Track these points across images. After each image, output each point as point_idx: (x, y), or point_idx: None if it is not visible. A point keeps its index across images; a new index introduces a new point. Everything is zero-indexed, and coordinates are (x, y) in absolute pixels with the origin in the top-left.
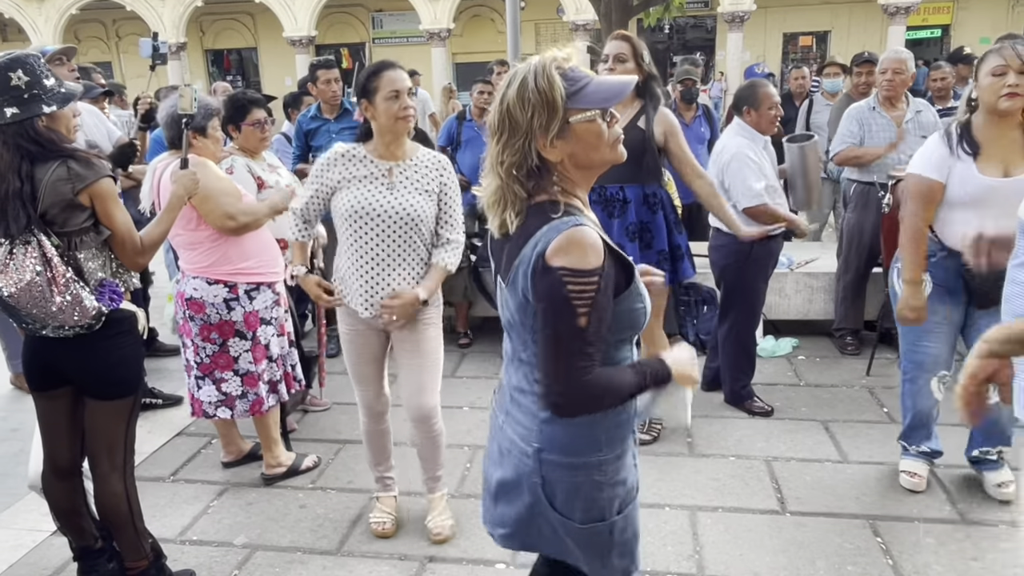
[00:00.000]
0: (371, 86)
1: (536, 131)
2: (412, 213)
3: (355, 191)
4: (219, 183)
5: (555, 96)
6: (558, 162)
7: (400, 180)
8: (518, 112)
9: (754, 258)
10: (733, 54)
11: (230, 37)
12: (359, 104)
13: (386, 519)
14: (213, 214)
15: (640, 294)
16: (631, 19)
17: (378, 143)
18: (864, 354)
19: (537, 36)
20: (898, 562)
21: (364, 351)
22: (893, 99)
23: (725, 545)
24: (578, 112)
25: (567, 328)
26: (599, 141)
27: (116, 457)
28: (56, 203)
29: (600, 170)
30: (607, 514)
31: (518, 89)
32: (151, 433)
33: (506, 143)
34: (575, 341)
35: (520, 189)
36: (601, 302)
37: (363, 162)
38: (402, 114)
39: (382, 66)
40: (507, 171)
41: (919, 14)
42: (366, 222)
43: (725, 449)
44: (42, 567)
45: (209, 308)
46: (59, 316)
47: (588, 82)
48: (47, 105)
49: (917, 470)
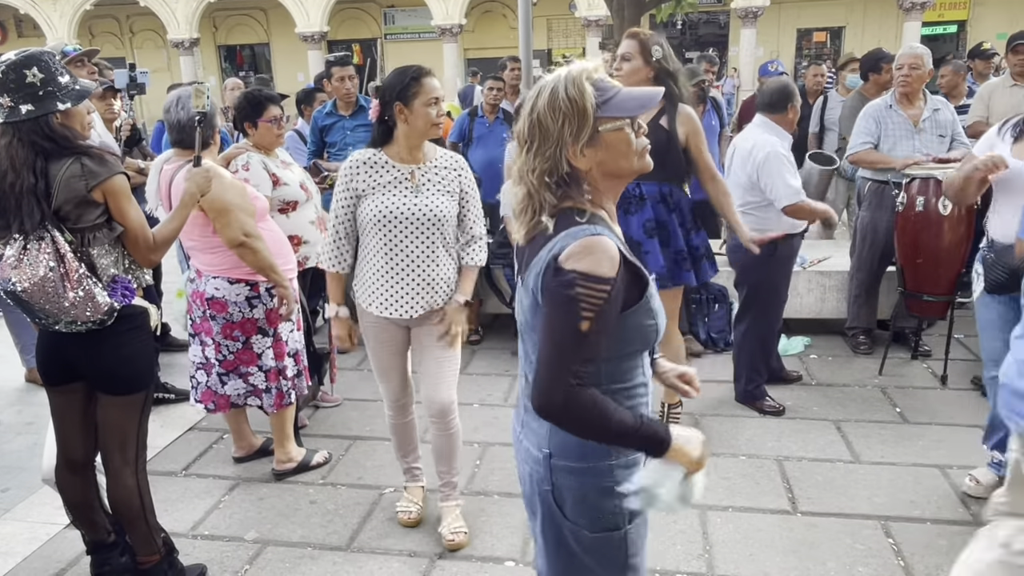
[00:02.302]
0: (411, 91)
1: (567, 139)
2: (437, 214)
3: (381, 197)
4: (237, 198)
5: (586, 105)
6: (587, 171)
7: (423, 182)
8: (549, 120)
9: (778, 257)
10: (746, 50)
11: (243, 33)
12: (390, 107)
13: (412, 508)
14: (229, 228)
15: (651, 310)
16: (644, 15)
17: (402, 147)
18: (877, 353)
19: (549, 32)
20: (910, 563)
21: (388, 344)
22: (910, 96)
23: (735, 545)
24: (608, 121)
25: (568, 329)
26: (628, 149)
27: (128, 452)
28: (70, 199)
29: (628, 179)
30: (621, 522)
31: (549, 98)
32: (163, 428)
33: (537, 151)
34: (572, 345)
35: (551, 196)
36: (606, 312)
37: (385, 167)
38: (437, 121)
39: (422, 72)
40: (538, 178)
41: (935, 10)
42: (394, 226)
43: (736, 448)
44: (56, 560)
45: (232, 307)
46: (72, 311)
47: (617, 91)
48: (62, 102)
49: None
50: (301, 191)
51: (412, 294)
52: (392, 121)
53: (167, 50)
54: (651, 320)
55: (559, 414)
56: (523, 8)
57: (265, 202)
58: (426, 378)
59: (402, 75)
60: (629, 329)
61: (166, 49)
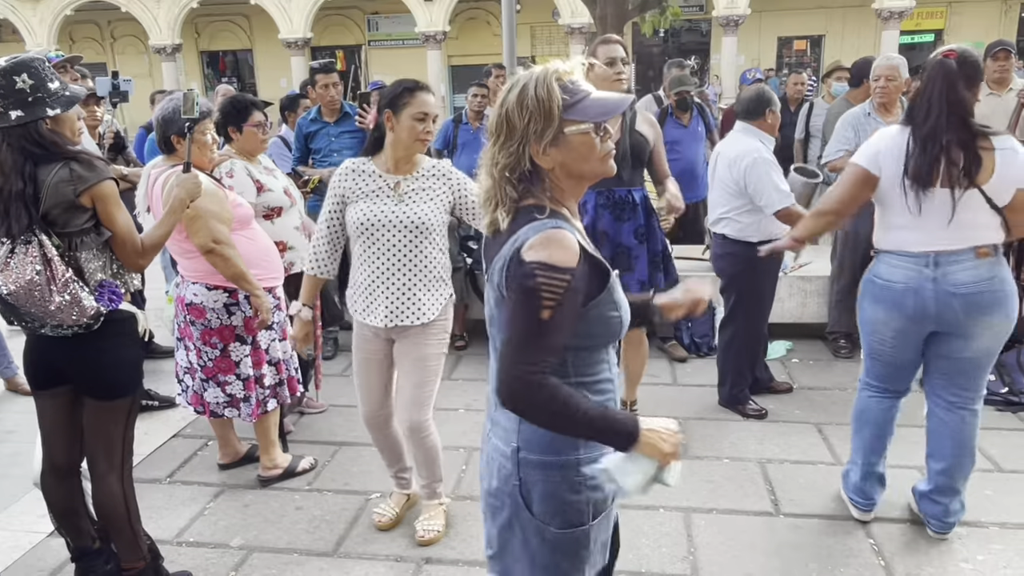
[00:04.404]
0: (401, 101)
1: (531, 137)
2: (420, 221)
3: (364, 205)
4: (212, 205)
5: (552, 106)
6: (550, 169)
7: (407, 192)
8: (516, 117)
9: (764, 263)
10: (728, 58)
11: (225, 39)
12: (382, 114)
13: (387, 512)
14: (199, 234)
15: (615, 302)
16: (627, 23)
17: (388, 157)
18: (857, 357)
19: (533, 39)
20: (890, 564)
21: (370, 358)
22: (888, 105)
23: (719, 547)
24: (573, 123)
25: (530, 318)
26: (591, 153)
27: (114, 458)
28: (58, 204)
29: (590, 181)
30: (585, 519)
31: (518, 95)
32: (147, 435)
33: (502, 146)
34: (534, 335)
35: (511, 191)
36: (567, 301)
37: (372, 177)
38: (423, 136)
39: (418, 86)
40: (500, 172)
41: (913, 19)
42: (375, 232)
43: (719, 451)
44: (39, 568)
45: (210, 313)
46: (58, 315)
47: (586, 96)
48: (51, 108)
49: None
50: (285, 197)
51: (390, 302)
52: (384, 131)
53: (149, 56)
54: (615, 312)
55: (522, 403)
56: (507, 15)
57: (250, 209)
58: (403, 394)
59: (399, 85)
60: (593, 321)
61: (148, 55)
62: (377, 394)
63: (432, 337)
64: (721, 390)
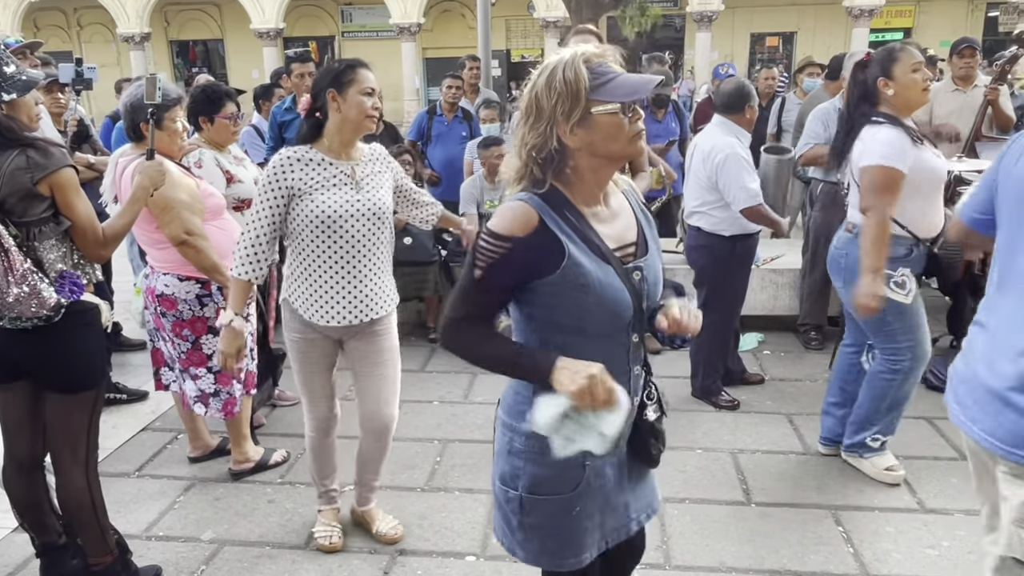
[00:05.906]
0: (346, 78)
1: (559, 117)
2: (379, 208)
3: (322, 196)
4: (183, 195)
5: (579, 86)
6: (576, 149)
7: (363, 178)
8: (544, 98)
9: (737, 256)
10: (702, 53)
11: (196, 28)
12: (325, 94)
13: (332, 532)
14: (170, 225)
15: (584, 286)
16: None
17: (333, 140)
18: (827, 349)
19: (508, 32)
20: (859, 550)
21: (319, 362)
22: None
23: (692, 536)
24: (600, 104)
25: (467, 275)
26: (619, 132)
27: (79, 451)
28: (14, 192)
29: (617, 163)
30: (518, 485)
31: (547, 78)
32: (116, 428)
33: (532, 126)
34: (468, 290)
35: (538, 171)
36: (501, 267)
37: (321, 166)
38: (372, 112)
39: (359, 63)
40: (528, 152)
41: (882, 17)
42: (339, 225)
43: (692, 442)
44: (3, 564)
45: (181, 304)
46: (16, 307)
47: (614, 77)
48: (6, 93)
49: (894, 462)
50: (256, 188)
51: (353, 297)
52: (324, 115)
53: (117, 45)
54: (585, 296)
55: (451, 343)
56: (482, 8)
57: (221, 199)
58: (368, 394)
59: (336, 64)
60: (553, 299)
61: (116, 44)
62: (329, 398)
63: (391, 328)
64: (694, 381)
